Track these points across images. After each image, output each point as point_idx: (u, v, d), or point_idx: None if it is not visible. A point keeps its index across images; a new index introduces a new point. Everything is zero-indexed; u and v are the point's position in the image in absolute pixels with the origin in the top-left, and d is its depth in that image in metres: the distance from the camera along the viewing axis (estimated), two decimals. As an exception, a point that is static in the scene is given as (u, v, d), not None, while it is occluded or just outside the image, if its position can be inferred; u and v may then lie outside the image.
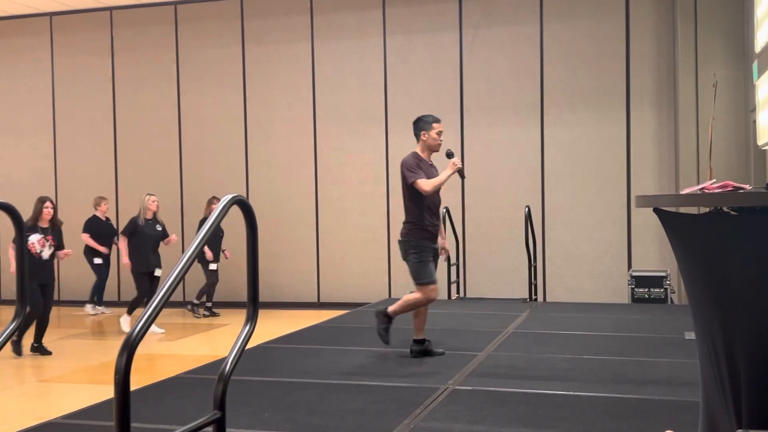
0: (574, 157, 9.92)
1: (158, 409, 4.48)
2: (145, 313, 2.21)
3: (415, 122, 5.72)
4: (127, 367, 2.09)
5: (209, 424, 2.47)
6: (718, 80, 7.75)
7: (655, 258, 9.61)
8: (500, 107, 10.16)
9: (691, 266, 2.56)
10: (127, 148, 11.52)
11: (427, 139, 5.65)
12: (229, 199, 2.65)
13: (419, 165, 5.57)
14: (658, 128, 9.69)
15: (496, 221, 10.15)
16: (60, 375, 6.69)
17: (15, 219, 3.18)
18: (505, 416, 4.13)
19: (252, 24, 11.03)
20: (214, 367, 5.65)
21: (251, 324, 2.73)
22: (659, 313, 7.87)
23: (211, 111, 11.21)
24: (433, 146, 5.67)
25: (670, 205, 2.55)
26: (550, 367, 5.33)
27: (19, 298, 3.11)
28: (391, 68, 10.54)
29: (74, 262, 11.48)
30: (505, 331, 6.85)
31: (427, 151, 5.69)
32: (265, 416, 4.26)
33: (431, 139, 5.64)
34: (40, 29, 11.83)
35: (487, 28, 10.21)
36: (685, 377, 4.88)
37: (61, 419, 4.39)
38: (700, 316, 2.58)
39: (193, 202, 11.17)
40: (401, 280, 10.48)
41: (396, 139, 10.48)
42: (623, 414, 4.16)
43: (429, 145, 5.67)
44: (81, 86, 11.68)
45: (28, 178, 11.78)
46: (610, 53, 9.81)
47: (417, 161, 5.59)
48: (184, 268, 2.38)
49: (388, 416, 4.17)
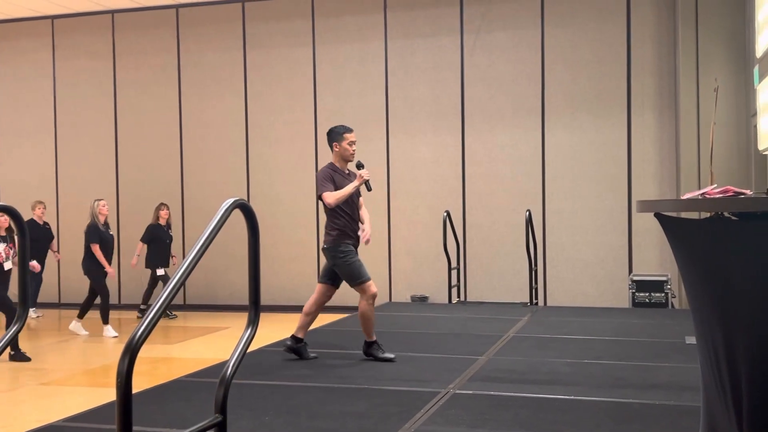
0: (575, 162, 9.92)
1: (159, 412, 4.48)
2: (147, 317, 2.22)
3: (328, 134, 5.96)
4: (129, 371, 2.10)
5: (210, 427, 2.48)
6: (719, 85, 7.76)
7: (656, 262, 9.61)
8: (501, 111, 10.17)
9: (692, 271, 2.57)
10: (129, 151, 11.54)
11: (339, 150, 5.85)
12: (231, 203, 2.65)
13: (332, 176, 5.76)
14: (659, 133, 9.70)
15: (496, 225, 10.15)
16: (61, 378, 6.69)
17: (17, 221, 3.19)
18: (507, 420, 4.13)
19: (253, 28, 11.05)
20: (214, 370, 5.65)
21: (253, 327, 2.73)
22: (660, 318, 7.87)
23: (213, 114, 11.22)
24: (346, 156, 5.85)
25: (671, 210, 2.55)
26: (551, 372, 5.33)
27: (21, 302, 3.12)
28: (392, 72, 10.55)
29: (76, 265, 11.49)
30: (506, 335, 6.86)
31: (341, 161, 5.88)
32: (266, 420, 4.26)
33: (343, 150, 5.84)
34: (42, 32, 11.85)
35: (488, 33, 10.23)
36: (686, 382, 4.88)
37: (63, 422, 4.39)
38: (701, 321, 2.59)
39: (194, 205, 11.18)
40: (402, 284, 10.50)
41: (397, 143, 10.49)
42: (625, 418, 4.16)
43: (342, 155, 5.86)
44: (83, 89, 11.70)
45: (30, 181, 11.78)
46: (611, 58, 9.82)
47: (331, 172, 5.79)
48: (185, 272, 2.38)
49: (389, 420, 4.17)
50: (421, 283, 10.38)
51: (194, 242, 2.51)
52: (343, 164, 5.89)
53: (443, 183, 10.34)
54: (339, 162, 5.88)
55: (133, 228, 11.23)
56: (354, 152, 5.87)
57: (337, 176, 5.80)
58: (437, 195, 10.30)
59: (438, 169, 10.37)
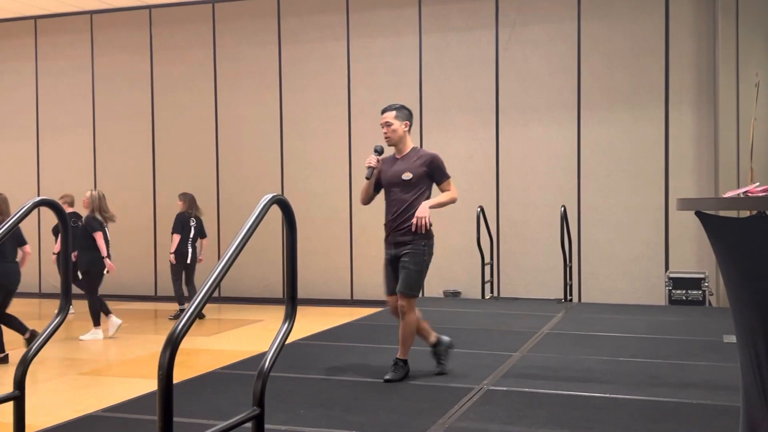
0: (611, 157, 9.82)
1: (197, 403, 4.55)
2: (188, 310, 2.25)
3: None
4: (171, 363, 2.13)
5: (249, 420, 2.51)
6: (760, 80, 7.62)
7: (693, 259, 9.48)
8: (536, 106, 10.10)
9: (732, 270, 2.53)
10: (165, 145, 11.67)
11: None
12: (269, 199, 2.67)
13: (384, 162, 5.18)
14: (697, 128, 9.55)
15: (531, 221, 10.09)
16: (100, 368, 6.81)
17: (59, 215, 3.25)
18: (541, 417, 4.12)
19: (288, 22, 11.10)
20: (249, 362, 5.71)
21: (290, 321, 2.75)
22: (697, 316, 7.77)
23: (248, 109, 11.30)
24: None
25: (713, 209, 2.52)
26: (585, 369, 5.30)
27: (63, 294, 3.18)
28: (426, 66, 10.53)
29: (114, 257, 11.67)
30: (540, 331, 6.82)
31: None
32: (300, 413, 4.30)
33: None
34: (81, 27, 12.03)
35: (524, 26, 10.16)
36: (724, 381, 4.82)
37: (101, 412, 4.47)
38: (742, 321, 2.55)
39: (229, 199, 11.28)
40: (433, 279, 10.49)
41: (430, 138, 10.47)
42: (660, 417, 4.12)
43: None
44: (120, 84, 11.86)
45: (69, 175, 11.99)
46: (648, 51, 9.69)
47: (384, 159, 5.20)
48: (226, 265, 2.41)
49: (422, 415, 4.18)
50: (454, 278, 10.36)
51: (229, 236, 2.54)
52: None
53: (477, 178, 10.30)
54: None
55: (169, 222, 11.37)
56: (384, 134, 5.17)
57: (386, 162, 5.21)
58: (471, 190, 10.26)
59: (472, 163, 10.33)
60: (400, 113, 5.15)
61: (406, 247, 5.02)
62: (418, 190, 5.05)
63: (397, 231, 5.05)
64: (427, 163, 5.07)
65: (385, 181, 5.14)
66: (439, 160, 5.12)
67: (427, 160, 5.08)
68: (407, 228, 5.00)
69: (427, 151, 5.19)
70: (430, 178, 5.10)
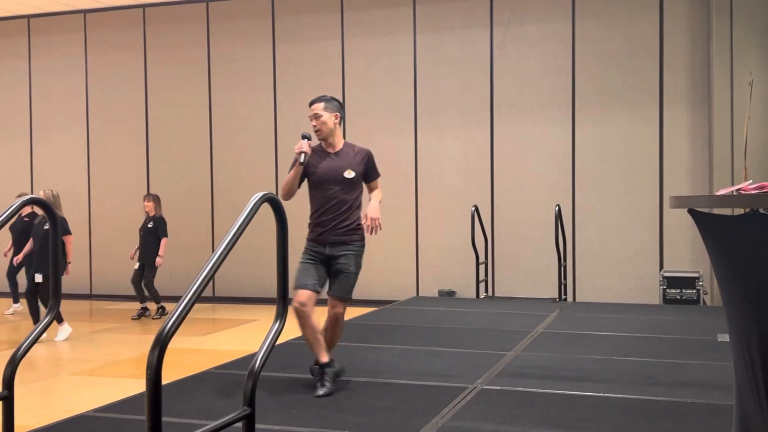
0: (606, 156, 9.82)
1: (189, 403, 4.52)
2: (177, 309, 2.23)
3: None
4: (159, 363, 2.11)
5: (239, 420, 2.49)
6: (754, 78, 7.62)
7: (688, 259, 9.49)
8: (531, 105, 10.09)
9: (726, 269, 2.52)
10: (159, 144, 11.64)
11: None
12: (259, 197, 2.66)
13: (312, 154, 4.86)
14: (692, 127, 9.56)
15: (525, 220, 10.09)
16: (92, 368, 6.78)
17: (49, 214, 3.23)
18: (535, 417, 4.10)
19: (283, 22, 11.08)
20: (243, 362, 5.69)
21: (281, 321, 2.74)
22: (691, 315, 7.77)
23: (242, 108, 11.28)
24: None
25: (706, 207, 2.51)
26: (580, 368, 5.29)
27: (53, 293, 3.16)
28: (421, 65, 10.51)
29: (107, 256, 11.64)
30: (535, 331, 6.81)
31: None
32: (293, 413, 4.28)
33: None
34: (75, 26, 11.99)
35: (519, 26, 10.15)
36: (718, 380, 4.81)
37: (93, 412, 4.45)
38: (735, 320, 2.54)
39: (223, 199, 11.25)
40: (428, 278, 10.48)
41: (425, 137, 10.46)
42: (655, 417, 4.11)
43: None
44: (114, 83, 11.82)
45: (62, 174, 11.95)
46: (643, 51, 9.69)
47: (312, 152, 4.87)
48: (215, 264, 2.39)
49: (416, 415, 4.16)
50: (449, 277, 10.35)
51: (224, 236, 2.52)
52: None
53: (472, 177, 10.29)
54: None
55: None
56: (314, 126, 4.89)
57: (315, 154, 4.93)
58: (466, 189, 10.26)
59: (467, 163, 10.32)
60: (329, 104, 4.89)
61: (345, 248, 4.79)
62: (357, 189, 4.85)
63: (335, 231, 4.79)
64: (365, 161, 4.87)
65: (320, 177, 4.80)
66: (373, 158, 4.94)
67: (365, 158, 4.88)
68: (347, 228, 4.78)
69: (362, 147, 4.95)
70: (365, 175, 4.90)
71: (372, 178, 4.95)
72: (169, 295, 10.55)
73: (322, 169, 4.82)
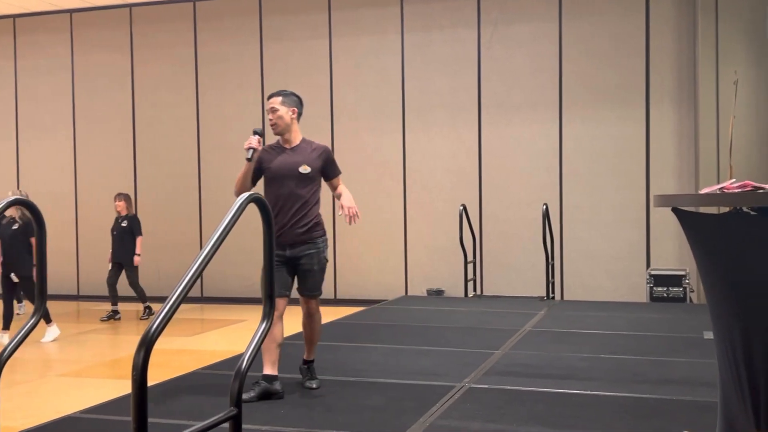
0: (593, 155, 9.86)
1: (176, 404, 4.52)
2: (162, 310, 2.22)
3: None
4: (145, 364, 2.11)
5: (225, 420, 2.49)
6: (739, 77, 7.67)
7: (674, 257, 9.54)
8: (519, 104, 10.12)
9: (709, 266, 2.54)
10: (146, 144, 11.59)
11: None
12: (246, 197, 2.65)
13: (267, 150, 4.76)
14: (678, 126, 9.61)
15: (513, 219, 10.12)
16: (79, 369, 6.75)
17: (36, 216, 3.21)
18: (523, 415, 4.12)
19: (270, 21, 11.06)
20: (230, 362, 5.68)
21: (267, 321, 2.74)
22: (678, 312, 7.81)
23: (230, 108, 11.25)
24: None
25: (689, 205, 2.53)
26: (567, 366, 5.31)
27: (38, 295, 3.15)
28: (409, 65, 10.52)
29: (94, 257, 11.58)
30: (522, 329, 6.83)
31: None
32: (281, 413, 4.28)
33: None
34: (61, 26, 11.93)
35: (506, 25, 10.17)
36: (704, 377, 4.84)
37: (80, 414, 4.43)
38: (719, 317, 2.56)
39: (211, 199, 11.22)
40: (417, 277, 10.49)
41: (413, 136, 10.47)
42: (641, 414, 4.14)
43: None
44: (100, 83, 11.77)
45: (49, 174, 11.88)
46: (629, 50, 9.74)
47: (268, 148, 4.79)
48: (202, 265, 2.39)
49: (404, 414, 4.17)
50: (437, 276, 10.37)
51: (209, 236, 2.52)
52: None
53: (460, 176, 10.31)
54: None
55: (150, 221, 11.31)
56: (270, 120, 4.76)
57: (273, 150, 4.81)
58: (454, 188, 10.28)
59: (455, 162, 10.34)
60: (287, 99, 4.77)
61: (306, 247, 4.68)
62: (314, 185, 4.72)
63: (294, 230, 4.64)
64: (323, 157, 4.74)
65: (275, 173, 4.68)
66: (332, 154, 4.85)
67: (323, 154, 4.75)
68: (306, 227, 4.67)
69: (320, 144, 4.82)
70: (322, 172, 4.78)
71: (332, 175, 4.83)
72: (156, 295, 10.51)
73: (276, 165, 4.70)
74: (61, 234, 11.55)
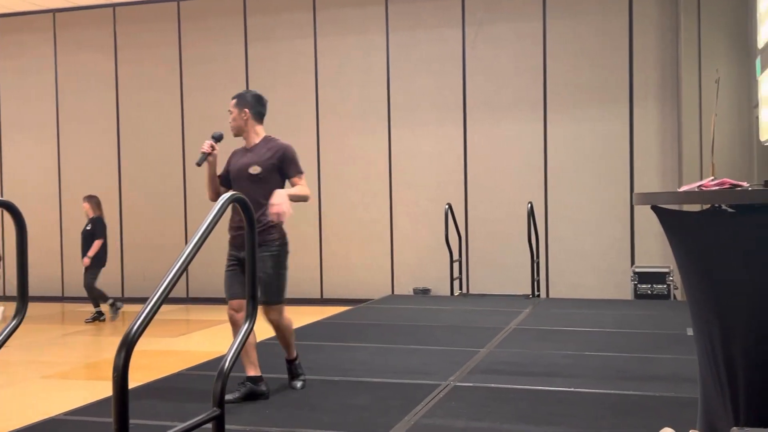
0: (578, 153, 9.91)
1: (160, 405, 4.50)
2: (143, 311, 2.22)
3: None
4: (126, 365, 2.10)
5: (208, 421, 2.48)
6: (720, 76, 7.73)
7: (658, 254, 9.60)
8: (503, 103, 10.15)
9: (688, 264, 2.56)
10: (131, 144, 11.54)
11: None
12: (227, 197, 2.65)
13: (234, 152, 4.81)
14: (662, 124, 9.67)
15: (499, 217, 10.15)
16: (63, 371, 6.71)
17: (16, 217, 3.19)
18: (507, 413, 4.14)
19: (255, 20, 11.03)
20: (214, 363, 5.66)
21: (250, 321, 2.74)
22: (662, 309, 7.87)
23: (215, 108, 11.17)
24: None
25: (667, 203, 2.55)
26: (552, 364, 5.33)
27: (19, 296, 3.13)
28: (394, 64, 10.53)
29: (78, 259, 11.49)
30: (507, 327, 6.86)
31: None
32: (267, 413, 4.28)
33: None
34: (44, 26, 11.85)
35: (490, 24, 10.20)
36: (687, 374, 4.88)
37: (63, 416, 4.41)
38: (698, 314, 2.58)
39: (196, 199, 11.18)
40: (403, 276, 10.50)
41: (399, 135, 10.48)
42: (625, 411, 4.16)
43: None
44: (84, 83, 11.70)
45: (33, 174, 11.80)
46: (613, 49, 9.79)
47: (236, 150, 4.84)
48: (183, 264, 2.38)
49: (389, 412, 4.18)
50: (424, 275, 10.38)
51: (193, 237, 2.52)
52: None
53: (445, 175, 10.33)
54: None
55: (135, 223, 11.27)
56: (231, 123, 4.82)
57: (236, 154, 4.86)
58: (439, 187, 10.29)
59: (440, 161, 10.36)
60: (240, 100, 4.72)
61: (259, 249, 4.41)
62: (268, 186, 4.48)
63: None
64: (278, 156, 4.58)
65: (233, 174, 4.66)
66: (291, 152, 4.63)
67: (278, 152, 4.58)
68: (258, 229, 4.26)
69: (279, 142, 4.66)
70: (281, 172, 4.60)
71: (291, 174, 4.62)
72: (141, 296, 10.48)
73: (234, 166, 4.70)
74: (45, 235, 11.48)
